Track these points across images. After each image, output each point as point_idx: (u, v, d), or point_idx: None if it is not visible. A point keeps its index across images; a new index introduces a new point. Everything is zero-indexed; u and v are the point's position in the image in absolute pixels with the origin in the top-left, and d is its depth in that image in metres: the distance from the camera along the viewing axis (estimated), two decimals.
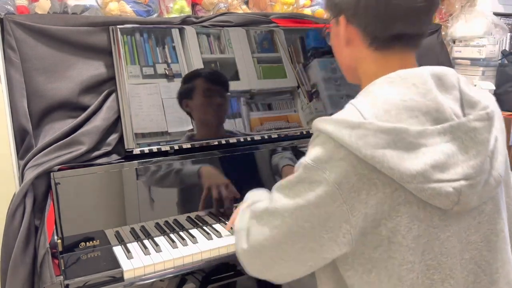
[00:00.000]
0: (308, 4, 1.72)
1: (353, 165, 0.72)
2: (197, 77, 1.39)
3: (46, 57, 1.27)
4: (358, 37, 0.83)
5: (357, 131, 0.72)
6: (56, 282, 1.04)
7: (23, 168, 1.20)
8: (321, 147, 0.76)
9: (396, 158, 0.71)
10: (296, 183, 0.79)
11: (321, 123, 0.77)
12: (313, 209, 0.75)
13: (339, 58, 0.91)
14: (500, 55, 2.07)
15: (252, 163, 1.45)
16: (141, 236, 1.27)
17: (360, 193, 0.73)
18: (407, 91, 0.76)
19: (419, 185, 0.71)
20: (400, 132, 0.72)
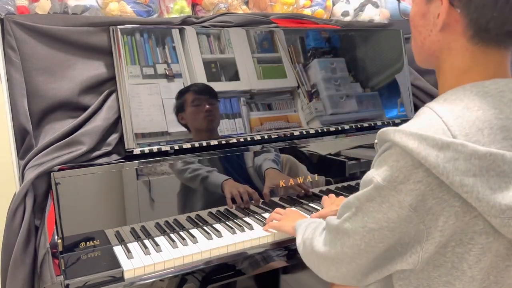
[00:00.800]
0: (308, 5, 1.72)
1: (432, 189, 0.65)
2: (184, 93, 1.40)
3: (47, 57, 1.27)
4: (459, 24, 0.70)
5: (446, 153, 0.62)
6: (57, 282, 1.04)
7: (23, 168, 1.20)
8: (395, 164, 0.66)
9: (487, 189, 0.62)
10: (366, 201, 0.72)
11: (398, 135, 0.66)
12: (387, 233, 0.70)
13: (420, 43, 0.78)
14: None
15: (251, 163, 1.45)
16: (141, 236, 1.27)
17: (438, 218, 0.66)
18: (504, 108, 0.67)
19: (505, 221, 0.63)
20: (496, 159, 0.62)
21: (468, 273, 0.69)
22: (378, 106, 1.74)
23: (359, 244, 0.74)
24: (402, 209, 0.67)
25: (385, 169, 0.68)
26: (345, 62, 1.69)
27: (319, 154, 1.57)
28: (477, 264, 0.68)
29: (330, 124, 1.61)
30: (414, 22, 0.79)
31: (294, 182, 1.50)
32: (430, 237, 0.67)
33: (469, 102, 0.67)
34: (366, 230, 0.72)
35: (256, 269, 1.26)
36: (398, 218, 0.68)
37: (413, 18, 0.79)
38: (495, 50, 0.71)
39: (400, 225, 0.68)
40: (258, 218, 1.39)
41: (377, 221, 0.70)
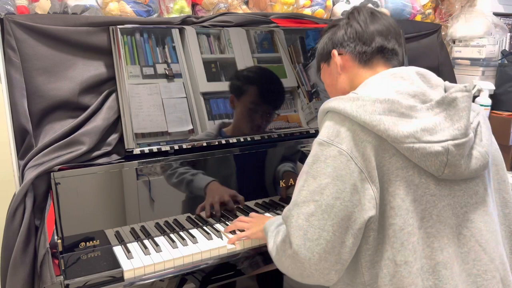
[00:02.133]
0: (308, 4, 1.72)
1: (357, 134, 0.84)
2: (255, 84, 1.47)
3: (46, 57, 1.27)
4: (349, 59, 1.02)
5: (356, 102, 0.86)
6: (56, 282, 1.04)
7: (23, 168, 1.20)
8: (329, 123, 0.88)
9: (391, 123, 0.83)
10: (313, 163, 0.87)
11: (325, 103, 0.91)
12: (339, 183, 0.84)
13: (337, 88, 1.06)
14: (500, 55, 2.07)
15: (252, 163, 1.45)
16: (141, 236, 1.27)
17: (370, 160, 0.84)
18: (397, 82, 0.91)
19: (411, 145, 0.82)
20: (394, 102, 0.85)
21: (403, 206, 0.84)
22: None
23: (320, 204, 0.84)
24: (342, 155, 0.84)
25: (323, 130, 0.89)
26: None
27: None
28: (407, 196, 0.84)
29: None
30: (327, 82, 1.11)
31: (294, 183, 1.50)
32: (372, 178, 0.84)
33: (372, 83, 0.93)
34: (322, 186, 0.85)
35: (256, 269, 1.26)
36: (342, 164, 0.84)
37: (325, 81, 1.12)
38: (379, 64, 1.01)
39: (346, 173, 0.84)
40: None
41: (327, 174, 0.85)
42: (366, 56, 1.00)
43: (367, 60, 1.01)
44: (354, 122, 0.85)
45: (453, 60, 2.13)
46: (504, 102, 1.96)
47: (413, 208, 0.85)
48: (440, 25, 2.06)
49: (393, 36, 1.02)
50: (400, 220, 0.84)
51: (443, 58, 2.03)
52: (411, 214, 0.84)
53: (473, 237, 0.89)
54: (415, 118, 0.85)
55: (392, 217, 0.84)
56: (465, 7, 2.09)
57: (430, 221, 0.86)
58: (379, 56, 1.01)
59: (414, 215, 0.84)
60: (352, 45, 1.01)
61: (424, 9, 2.02)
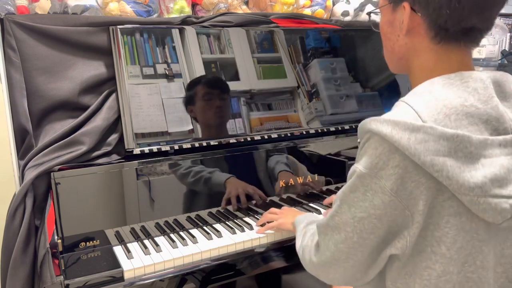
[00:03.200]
0: (308, 4, 1.72)
1: (408, 171, 0.69)
2: (197, 83, 1.41)
3: (46, 57, 1.27)
4: (422, 27, 0.78)
5: (416, 135, 0.68)
6: (56, 282, 1.04)
7: (23, 168, 1.20)
8: (374, 152, 0.71)
9: (456, 168, 0.68)
10: (350, 193, 0.76)
11: (373, 124, 0.72)
12: (375, 221, 0.74)
13: (390, 48, 0.86)
14: (500, 55, 2.07)
15: (252, 163, 1.45)
16: (141, 236, 1.27)
17: (418, 202, 0.71)
18: (468, 96, 0.72)
19: (475, 198, 0.69)
20: (463, 141, 0.68)
21: (446, 255, 0.73)
22: (378, 106, 1.74)
23: (352, 237, 0.77)
24: (384, 194, 0.71)
25: (365, 158, 0.73)
26: (345, 62, 1.69)
27: (319, 154, 1.57)
28: (454, 244, 0.72)
29: (330, 124, 1.61)
30: (383, 30, 0.88)
31: (294, 182, 1.50)
32: (415, 221, 0.72)
33: (436, 93, 0.73)
34: (356, 220, 0.76)
35: (256, 269, 1.26)
36: (383, 204, 0.72)
37: (382, 27, 0.88)
38: (456, 47, 0.78)
39: (386, 212, 0.72)
40: (258, 218, 1.39)
41: (364, 209, 0.74)
42: (447, 34, 0.76)
43: (446, 38, 0.77)
44: (407, 157, 0.69)
45: None
46: None
47: (457, 256, 0.73)
48: None
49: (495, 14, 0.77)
50: (440, 268, 0.74)
51: None
52: (453, 263, 0.74)
53: (505, 273, 0.79)
54: (483, 158, 0.70)
55: (432, 261, 0.74)
56: None
57: (472, 266, 0.75)
58: (462, 37, 0.77)
59: (456, 262, 0.74)
60: (435, 13, 0.75)
61: None
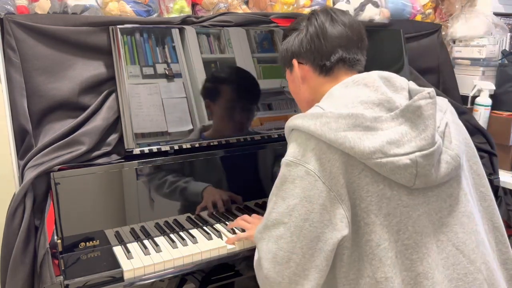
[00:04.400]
0: (308, 4, 1.71)
1: (323, 152, 0.82)
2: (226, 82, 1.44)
3: (46, 57, 1.27)
4: (309, 70, 1.00)
5: (320, 120, 0.83)
6: (56, 282, 1.04)
7: (23, 168, 1.20)
8: (295, 143, 0.86)
9: (356, 139, 0.81)
10: (281, 184, 0.85)
11: (290, 121, 0.89)
12: (307, 204, 0.82)
13: (300, 98, 1.05)
14: (500, 55, 2.07)
15: (252, 163, 1.45)
16: (141, 236, 1.27)
17: (338, 178, 0.82)
18: (360, 90, 0.89)
19: (378, 160, 0.80)
20: (357, 117, 0.82)
21: (377, 222, 0.82)
22: None
23: (289, 227, 0.83)
24: (309, 175, 0.82)
25: (290, 150, 0.87)
26: None
27: None
28: (380, 211, 0.83)
29: None
30: (292, 90, 1.09)
31: None
32: (341, 197, 0.82)
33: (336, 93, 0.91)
34: (290, 208, 0.83)
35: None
36: (310, 185, 0.82)
37: (290, 89, 1.09)
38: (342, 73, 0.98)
39: (314, 194, 0.81)
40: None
41: (295, 195, 0.83)
42: (326, 68, 0.98)
43: (328, 71, 0.98)
44: (320, 140, 0.83)
45: (453, 60, 2.12)
46: (504, 102, 1.95)
47: (387, 222, 0.83)
48: (440, 25, 2.06)
49: (354, 45, 0.99)
50: (376, 236, 0.82)
51: (443, 58, 2.03)
52: (386, 229, 0.83)
53: (450, 241, 0.87)
54: (380, 130, 0.83)
55: (368, 233, 0.83)
56: (465, 7, 2.09)
57: (406, 233, 0.84)
58: (341, 65, 0.98)
59: (389, 229, 0.83)
60: (311, 57, 0.98)
61: (424, 9, 2.01)
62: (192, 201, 1.34)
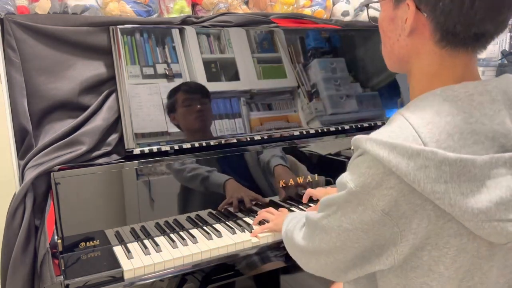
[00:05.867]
0: (308, 4, 1.72)
1: (404, 195, 0.65)
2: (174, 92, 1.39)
3: (46, 57, 1.27)
4: (427, 28, 0.71)
5: (416, 161, 0.62)
6: (56, 282, 1.04)
7: (23, 168, 1.20)
8: (367, 171, 0.67)
9: (458, 194, 0.63)
10: (344, 202, 0.73)
11: (369, 144, 0.67)
12: (361, 234, 0.71)
13: (390, 47, 0.79)
14: (500, 55, 2.07)
15: (251, 163, 1.45)
16: (141, 236, 1.27)
17: (411, 221, 0.66)
18: (473, 112, 0.67)
19: (479, 224, 0.64)
20: (467, 165, 0.63)
21: (445, 274, 0.69)
22: (378, 106, 1.74)
23: (335, 242, 0.76)
24: (375, 213, 0.67)
25: (358, 176, 0.68)
26: (345, 62, 1.69)
27: (319, 154, 1.57)
28: (453, 264, 0.69)
29: (330, 124, 1.61)
30: (382, 27, 0.80)
31: (294, 182, 1.50)
32: (404, 239, 0.68)
33: (439, 108, 0.67)
34: (342, 229, 0.73)
35: (256, 269, 1.26)
36: (372, 221, 0.68)
37: (382, 23, 0.80)
38: (462, 52, 0.71)
39: (374, 228, 0.69)
40: None
41: (352, 221, 0.71)
42: (455, 39, 0.70)
43: (453, 43, 0.70)
44: (403, 181, 0.64)
45: None
46: None
47: (455, 275, 0.69)
48: None
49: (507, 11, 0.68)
50: (438, 285, 0.70)
51: None
52: (452, 281, 0.70)
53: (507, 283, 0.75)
54: (488, 180, 0.64)
55: (429, 278, 0.70)
56: None
57: (470, 282, 0.71)
58: (471, 42, 0.70)
59: (454, 281, 0.70)
60: (444, 15, 0.67)
61: None
62: (212, 191, 1.38)
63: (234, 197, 1.40)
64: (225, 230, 1.32)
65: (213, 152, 1.38)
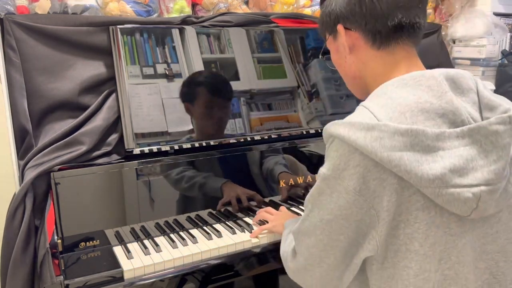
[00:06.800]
0: (308, 4, 1.72)
1: (369, 170, 0.70)
2: (201, 83, 1.41)
3: (46, 57, 1.27)
4: (360, 39, 0.82)
5: (372, 133, 0.69)
6: (56, 282, 1.04)
7: (23, 168, 1.20)
8: (335, 154, 0.73)
9: (413, 161, 0.68)
10: (318, 196, 0.77)
11: (333, 127, 0.74)
12: (342, 222, 0.74)
13: (345, 72, 0.90)
14: (500, 55, 2.07)
15: (251, 163, 1.45)
16: (141, 236, 1.27)
17: (382, 199, 0.71)
18: (422, 93, 0.73)
19: (437, 190, 0.69)
20: (418, 134, 0.69)
21: (420, 251, 0.73)
22: None
23: (322, 239, 0.78)
24: (348, 194, 0.72)
25: (328, 161, 0.75)
26: None
27: (319, 154, 1.57)
28: (426, 240, 0.73)
29: None
30: (334, 61, 0.93)
31: (294, 182, 1.50)
32: (380, 219, 0.72)
33: (392, 94, 0.75)
34: (324, 222, 0.77)
35: (256, 269, 1.26)
36: (348, 204, 0.73)
37: (333, 59, 0.93)
38: (398, 47, 0.81)
39: (352, 212, 0.73)
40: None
41: (330, 211, 0.75)
42: (381, 36, 0.80)
43: (383, 41, 0.81)
44: (366, 157, 0.70)
45: (453, 60, 2.13)
46: None
47: (431, 252, 0.73)
48: (440, 25, 2.06)
49: (414, 4, 0.79)
50: (416, 266, 0.74)
51: (443, 58, 2.03)
52: (429, 259, 0.74)
53: (488, 269, 0.78)
54: (441, 150, 0.70)
55: (408, 260, 0.74)
56: (465, 7, 2.09)
57: (448, 263, 0.74)
58: (399, 34, 0.80)
59: (432, 259, 0.74)
60: (362, 21, 0.80)
61: None
62: (211, 196, 1.38)
63: (232, 196, 1.40)
64: (225, 230, 1.32)
65: (213, 152, 1.38)
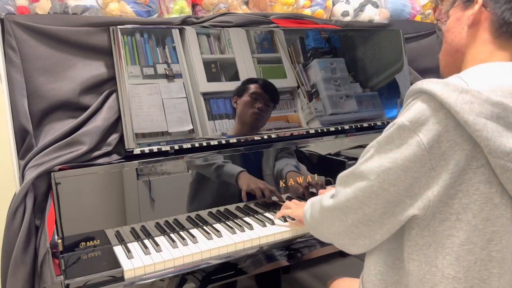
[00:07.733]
0: (308, 5, 1.72)
1: (447, 130, 0.72)
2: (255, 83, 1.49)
3: (47, 57, 1.27)
4: (488, 20, 0.83)
5: (464, 96, 0.71)
6: (57, 282, 1.04)
7: (23, 168, 1.20)
8: (419, 107, 0.74)
9: (495, 131, 0.70)
10: (385, 143, 0.78)
11: (425, 83, 0.75)
12: (401, 173, 0.75)
13: (451, 41, 0.90)
14: None
15: (251, 163, 1.45)
16: (142, 236, 1.27)
17: (449, 162, 0.73)
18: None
19: (508, 164, 0.71)
20: (506, 109, 0.71)
21: (472, 223, 0.75)
22: (378, 106, 1.74)
23: (372, 185, 0.78)
24: (419, 147, 0.73)
25: (409, 113, 0.75)
26: (345, 62, 1.69)
27: (319, 154, 1.57)
28: (480, 213, 0.74)
29: (330, 124, 1.61)
30: (448, 28, 0.92)
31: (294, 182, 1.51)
32: (439, 180, 0.74)
33: (488, 71, 0.77)
34: (382, 169, 0.77)
35: (256, 269, 1.26)
36: (414, 157, 0.74)
37: (449, 24, 0.92)
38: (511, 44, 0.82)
39: (414, 166, 0.74)
40: (258, 218, 1.39)
41: (393, 160, 0.76)
42: (508, 29, 0.81)
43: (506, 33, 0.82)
44: (451, 116, 0.72)
45: None
46: None
47: (482, 226, 0.75)
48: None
49: None
50: (464, 235, 0.75)
51: None
52: (477, 233, 0.75)
53: None
54: None
55: (456, 229, 0.75)
56: None
57: (498, 246, 0.76)
58: None
59: (481, 234, 0.75)
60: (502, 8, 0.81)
61: (424, 9, 2.02)
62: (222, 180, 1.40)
63: (256, 187, 1.43)
64: (225, 230, 1.32)
65: (213, 152, 1.38)
